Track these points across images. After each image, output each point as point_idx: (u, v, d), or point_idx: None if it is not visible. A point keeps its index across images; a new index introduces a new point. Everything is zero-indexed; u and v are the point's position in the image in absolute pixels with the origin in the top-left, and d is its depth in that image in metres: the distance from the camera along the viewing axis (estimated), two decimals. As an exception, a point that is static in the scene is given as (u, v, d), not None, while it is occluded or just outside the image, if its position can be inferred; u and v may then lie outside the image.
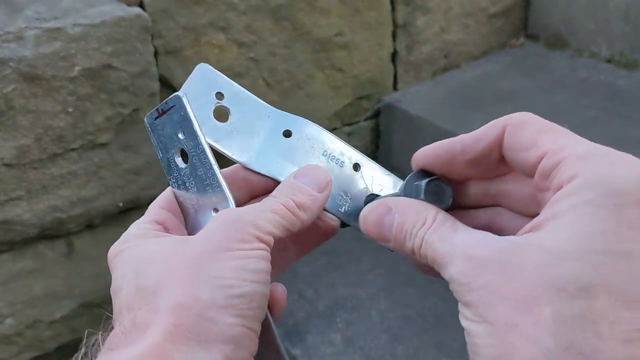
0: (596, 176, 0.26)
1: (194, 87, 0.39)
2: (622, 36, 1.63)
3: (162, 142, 0.37)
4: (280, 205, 0.34)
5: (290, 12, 1.41)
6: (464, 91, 1.64)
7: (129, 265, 0.33)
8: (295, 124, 0.40)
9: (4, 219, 1.15)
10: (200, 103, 0.38)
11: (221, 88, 0.40)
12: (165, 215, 0.37)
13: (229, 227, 0.32)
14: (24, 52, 1.08)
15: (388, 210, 0.34)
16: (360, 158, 0.40)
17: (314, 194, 0.36)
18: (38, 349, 1.29)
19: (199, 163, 0.36)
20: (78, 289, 1.31)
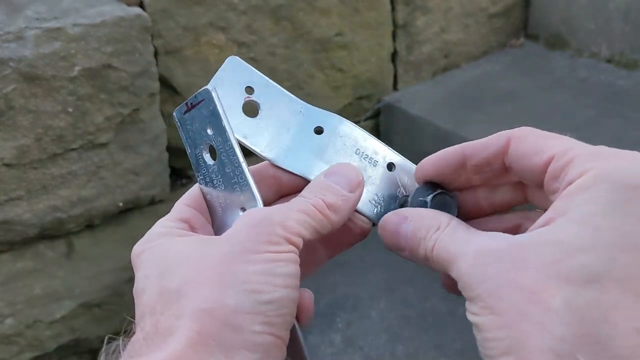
0: (606, 171, 0.27)
1: (224, 80, 0.37)
2: (622, 36, 1.63)
3: (190, 137, 0.36)
4: (309, 206, 0.32)
5: (290, 12, 1.41)
6: (464, 91, 1.64)
7: (152, 265, 0.32)
8: (327, 121, 0.38)
9: (4, 219, 1.15)
10: (229, 97, 0.37)
11: (251, 82, 0.38)
12: (191, 213, 0.36)
13: (256, 228, 0.30)
14: (24, 52, 1.08)
15: (404, 220, 0.33)
16: (395, 157, 0.38)
17: (345, 194, 0.34)
18: (38, 349, 1.29)
19: (227, 160, 0.34)
20: (78, 289, 1.31)
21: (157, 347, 0.28)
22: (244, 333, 0.28)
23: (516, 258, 0.27)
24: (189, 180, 1.43)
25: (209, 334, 0.28)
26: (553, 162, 0.29)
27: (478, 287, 0.27)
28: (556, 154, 0.29)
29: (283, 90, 0.38)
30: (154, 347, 0.28)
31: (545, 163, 0.30)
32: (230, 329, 0.28)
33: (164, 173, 1.33)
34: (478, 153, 0.33)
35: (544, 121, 1.46)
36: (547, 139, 0.31)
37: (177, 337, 0.28)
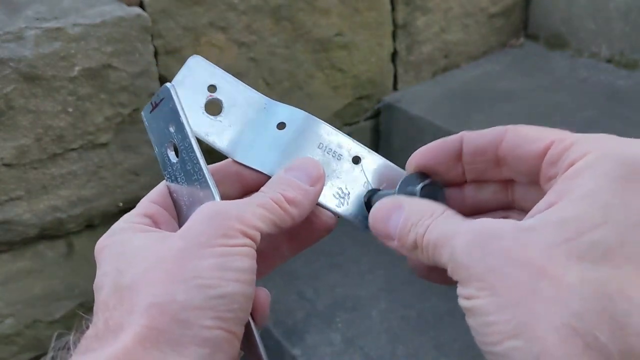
0: (609, 150, 0.27)
1: (186, 79, 0.38)
2: (622, 36, 1.63)
3: (155, 135, 0.36)
4: (268, 200, 0.32)
5: (290, 12, 1.41)
6: (464, 91, 1.64)
7: (111, 261, 0.32)
8: (290, 115, 0.38)
9: (4, 219, 1.15)
10: (191, 96, 0.37)
11: (214, 80, 0.38)
12: (156, 209, 0.36)
13: (211, 221, 0.30)
14: (24, 52, 1.08)
15: (397, 207, 0.32)
16: (361, 150, 0.38)
17: (305, 188, 0.34)
18: (38, 349, 1.29)
19: (187, 157, 0.34)
20: (78, 289, 1.31)
21: (107, 343, 0.28)
22: (194, 328, 0.28)
23: (522, 237, 0.26)
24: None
25: (158, 329, 0.28)
26: (552, 148, 0.29)
27: (476, 266, 0.26)
28: (555, 140, 0.29)
29: (246, 87, 0.38)
30: (104, 342, 0.28)
31: (545, 148, 0.30)
32: (179, 324, 0.28)
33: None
34: (474, 140, 0.33)
35: (544, 121, 1.46)
36: (545, 129, 0.31)
37: (126, 332, 0.28)
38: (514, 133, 0.32)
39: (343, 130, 1.63)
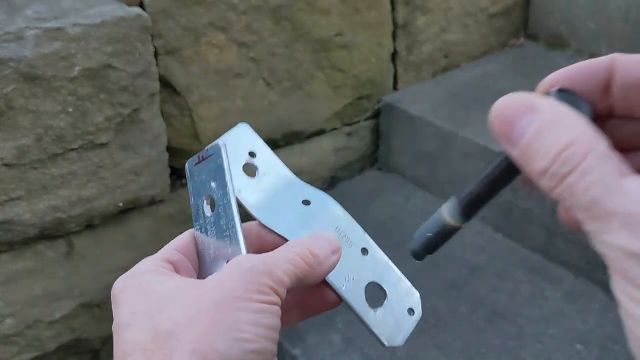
0: None
1: (231, 140, 0.41)
2: (622, 36, 1.63)
3: (196, 187, 0.39)
4: (295, 255, 0.34)
5: (290, 12, 1.41)
6: (464, 91, 1.64)
7: (140, 301, 0.33)
8: (316, 196, 0.41)
9: (4, 219, 1.15)
10: (232, 155, 0.40)
11: (255, 148, 0.42)
12: (178, 257, 0.37)
13: (245, 276, 0.32)
14: (24, 52, 1.08)
15: (530, 109, 0.24)
16: (370, 243, 0.41)
17: (327, 251, 0.36)
18: (38, 349, 1.29)
19: (223, 213, 0.36)
20: (78, 289, 1.31)
21: None
22: None
23: None
24: (189, 180, 1.43)
25: None
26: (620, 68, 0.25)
27: None
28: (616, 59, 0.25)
29: (282, 163, 0.42)
30: None
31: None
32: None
33: (164, 173, 1.33)
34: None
35: (544, 121, 1.46)
36: None
37: None
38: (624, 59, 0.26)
39: (343, 130, 1.63)
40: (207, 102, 1.37)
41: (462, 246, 1.39)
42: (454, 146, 1.48)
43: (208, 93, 1.36)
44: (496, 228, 1.42)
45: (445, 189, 1.53)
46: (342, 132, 1.62)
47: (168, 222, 1.40)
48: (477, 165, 1.44)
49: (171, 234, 0.94)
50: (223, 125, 1.41)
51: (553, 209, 1.30)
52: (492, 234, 1.42)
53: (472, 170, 1.45)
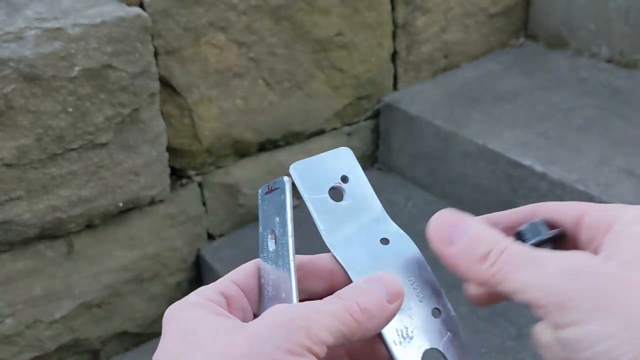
0: None
1: (329, 160, 0.39)
2: (622, 36, 1.63)
3: (264, 217, 0.37)
4: (341, 309, 0.31)
5: (290, 12, 1.41)
6: (463, 91, 1.64)
7: (175, 338, 0.31)
8: (397, 237, 0.38)
9: (4, 219, 1.15)
10: (324, 173, 0.39)
11: (350, 174, 0.39)
12: (234, 290, 0.35)
13: (278, 331, 0.29)
14: (24, 52, 1.08)
15: (470, 218, 0.33)
16: (445, 304, 0.37)
17: (382, 302, 0.32)
18: (38, 349, 1.29)
19: (281, 252, 0.35)
20: (78, 289, 1.31)
21: None
22: None
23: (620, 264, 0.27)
24: (189, 180, 1.43)
25: None
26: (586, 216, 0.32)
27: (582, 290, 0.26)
28: (585, 210, 0.32)
29: (374, 195, 0.40)
30: None
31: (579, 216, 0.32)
32: None
33: (164, 173, 1.33)
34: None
35: (544, 121, 1.46)
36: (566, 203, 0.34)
37: None
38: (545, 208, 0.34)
39: (343, 130, 1.63)
40: (207, 102, 1.37)
41: (462, 246, 1.38)
42: (454, 146, 1.48)
43: (208, 93, 1.36)
44: (496, 228, 1.42)
45: (445, 189, 1.53)
46: (342, 132, 1.62)
47: (168, 222, 1.40)
48: (477, 165, 1.44)
49: (171, 234, 0.95)
50: (223, 125, 1.41)
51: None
52: (492, 234, 1.42)
53: (472, 171, 1.45)
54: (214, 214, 1.49)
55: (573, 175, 1.27)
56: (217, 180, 1.47)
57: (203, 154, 1.42)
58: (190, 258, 1.47)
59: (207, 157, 1.43)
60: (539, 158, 1.33)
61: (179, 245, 1.43)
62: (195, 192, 1.44)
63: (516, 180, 1.35)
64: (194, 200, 1.44)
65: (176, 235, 1.42)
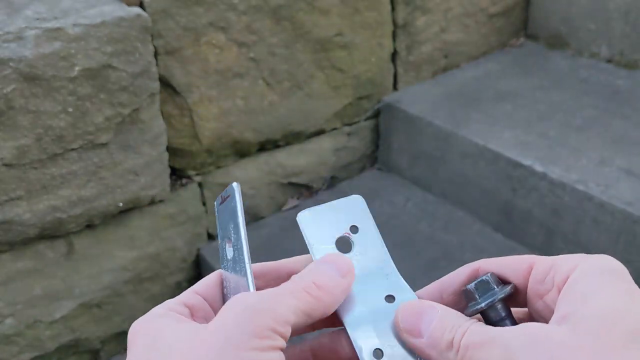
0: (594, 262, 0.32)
1: (340, 208, 0.38)
2: (622, 36, 1.63)
3: (221, 228, 0.37)
4: (299, 288, 0.32)
5: (290, 12, 1.41)
6: (464, 91, 1.64)
7: (142, 350, 0.32)
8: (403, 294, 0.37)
9: (4, 219, 1.15)
10: (334, 222, 0.38)
11: (361, 224, 0.38)
12: (197, 300, 0.35)
13: (242, 318, 0.30)
14: (24, 52, 1.08)
15: (431, 307, 0.34)
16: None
17: (336, 278, 0.34)
18: (38, 349, 1.29)
19: (237, 257, 0.35)
20: (78, 289, 1.31)
21: None
22: None
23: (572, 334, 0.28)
24: (189, 180, 1.43)
25: None
26: (534, 269, 0.33)
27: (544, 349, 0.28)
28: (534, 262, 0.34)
29: (385, 250, 0.38)
30: None
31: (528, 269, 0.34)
32: None
33: (164, 173, 1.33)
34: None
35: (544, 121, 1.46)
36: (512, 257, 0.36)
37: None
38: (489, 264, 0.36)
39: (343, 130, 1.63)
40: (207, 102, 1.37)
41: (462, 246, 1.39)
42: (454, 146, 1.48)
43: (208, 93, 1.36)
44: (496, 228, 1.42)
45: (445, 189, 1.53)
46: (342, 132, 1.62)
47: (168, 222, 1.40)
48: (476, 165, 1.44)
49: (171, 234, 0.95)
50: (223, 125, 1.41)
51: (553, 209, 1.30)
52: (492, 234, 1.42)
53: (472, 170, 1.45)
54: (214, 214, 1.49)
55: (573, 175, 1.27)
56: (217, 180, 1.47)
57: (203, 154, 1.42)
58: (190, 258, 1.47)
59: (207, 157, 1.43)
60: (539, 158, 1.33)
61: (179, 245, 1.43)
62: (195, 192, 1.44)
63: (516, 180, 1.35)
64: (194, 200, 1.44)
65: (176, 235, 1.42)
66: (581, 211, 1.25)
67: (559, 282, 0.31)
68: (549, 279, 0.32)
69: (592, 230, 1.24)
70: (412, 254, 1.37)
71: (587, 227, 1.24)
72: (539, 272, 0.33)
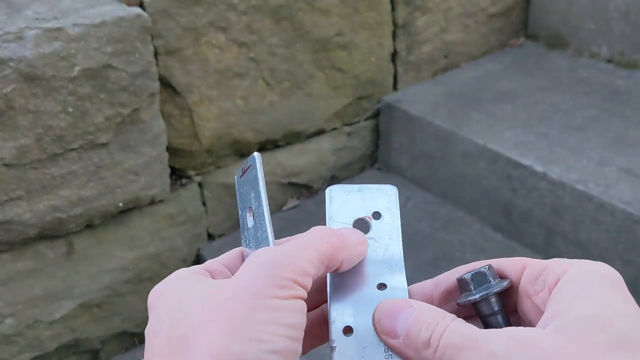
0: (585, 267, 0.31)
1: (373, 194, 0.39)
2: (622, 36, 1.63)
3: (241, 199, 0.38)
4: (319, 239, 0.33)
5: (290, 12, 1.41)
6: (464, 91, 1.64)
7: (166, 309, 0.32)
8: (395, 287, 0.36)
9: (4, 219, 1.15)
10: (355, 205, 0.38)
11: (385, 213, 0.38)
12: (217, 266, 0.36)
13: (261, 270, 0.30)
14: (24, 52, 1.08)
15: (407, 305, 0.33)
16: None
17: (354, 241, 0.35)
18: (38, 349, 1.29)
19: (259, 223, 0.35)
20: (78, 289, 1.31)
21: None
22: None
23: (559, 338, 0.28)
24: (189, 180, 1.43)
25: None
26: (526, 271, 0.33)
27: None
28: (526, 264, 0.34)
29: (400, 241, 0.38)
30: None
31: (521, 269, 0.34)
32: None
33: (164, 173, 1.33)
34: None
35: (544, 121, 1.46)
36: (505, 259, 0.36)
37: None
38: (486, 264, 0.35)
39: (343, 130, 1.63)
40: (207, 102, 1.37)
41: (462, 246, 1.39)
42: (454, 146, 1.48)
43: (208, 93, 1.36)
44: (496, 228, 1.42)
45: (445, 189, 1.53)
46: (342, 132, 1.62)
47: (168, 222, 1.40)
48: (476, 165, 1.44)
49: (171, 234, 0.95)
50: (223, 125, 1.41)
51: (553, 209, 1.30)
52: (492, 234, 1.42)
53: (472, 170, 1.45)
54: (214, 214, 1.49)
55: (573, 175, 1.27)
56: (217, 180, 1.47)
57: (203, 154, 1.42)
58: (190, 258, 1.47)
59: (207, 157, 1.43)
60: (539, 158, 1.33)
61: (179, 245, 1.43)
62: (195, 192, 1.44)
63: (516, 180, 1.35)
64: (194, 200, 1.44)
65: (176, 235, 1.42)
66: (581, 211, 1.25)
67: (550, 283, 0.31)
68: (540, 279, 0.32)
69: (592, 230, 1.24)
70: (412, 254, 1.37)
71: (587, 227, 1.24)
72: (532, 272, 0.33)
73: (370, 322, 0.34)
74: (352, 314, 0.35)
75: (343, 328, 0.34)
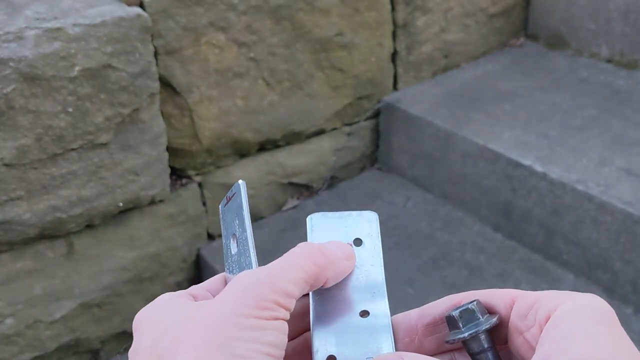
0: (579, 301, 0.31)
1: (348, 220, 0.39)
2: (622, 36, 1.63)
3: (225, 227, 0.38)
4: (304, 258, 0.33)
5: (290, 12, 1.41)
6: (463, 91, 1.64)
7: (149, 329, 0.32)
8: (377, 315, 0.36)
9: (4, 219, 1.15)
10: (336, 232, 0.38)
11: (365, 238, 0.38)
12: (202, 292, 0.36)
13: (245, 291, 0.31)
14: (24, 52, 1.08)
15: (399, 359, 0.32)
16: None
17: (341, 256, 0.35)
18: (38, 349, 1.29)
19: (242, 249, 0.36)
20: (78, 289, 1.31)
21: None
22: None
23: None
24: (189, 180, 1.43)
25: None
26: (517, 304, 0.32)
27: None
28: (516, 297, 0.33)
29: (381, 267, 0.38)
30: None
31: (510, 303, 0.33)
32: None
33: (164, 173, 1.33)
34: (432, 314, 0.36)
35: (544, 121, 1.46)
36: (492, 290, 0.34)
37: None
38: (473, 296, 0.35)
39: (343, 130, 1.63)
40: (207, 102, 1.37)
41: (462, 246, 1.39)
42: (454, 146, 1.48)
43: (208, 93, 1.36)
44: (496, 228, 1.42)
45: (445, 189, 1.53)
46: (342, 132, 1.62)
47: (168, 222, 1.40)
48: (477, 165, 1.44)
49: (171, 234, 0.95)
50: (223, 125, 1.41)
51: (553, 209, 1.30)
52: (492, 234, 1.42)
53: (472, 170, 1.45)
54: (214, 214, 1.49)
55: (573, 175, 1.27)
56: (217, 180, 1.47)
57: (203, 154, 1.42)
58: (190, 258, 1.47)
59: (207, 157, 1.43)
60: (539, 158, 1.33)
61: (179, 245, 1.43)
62: (195, 192, 1.44)
63: (516, 180, 1.35)
64: (194, 200, 1.44)
65: (176, 235, 1.42)
66: (581, 211, 1.25)
67: (540, 319, 0.31)
68: (531, 314, 0.32)
69: (592, 230, 1.24)
70: (412, 254, 1.37)
71: (587, 227, 1.25)
72: (522, 306, 0.32)
73: (352, 351, 0.34)
74: (334, 344, 0.34)
75: (326, 358, 0.34)
